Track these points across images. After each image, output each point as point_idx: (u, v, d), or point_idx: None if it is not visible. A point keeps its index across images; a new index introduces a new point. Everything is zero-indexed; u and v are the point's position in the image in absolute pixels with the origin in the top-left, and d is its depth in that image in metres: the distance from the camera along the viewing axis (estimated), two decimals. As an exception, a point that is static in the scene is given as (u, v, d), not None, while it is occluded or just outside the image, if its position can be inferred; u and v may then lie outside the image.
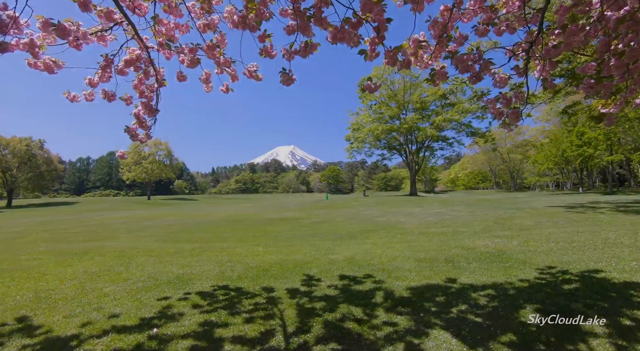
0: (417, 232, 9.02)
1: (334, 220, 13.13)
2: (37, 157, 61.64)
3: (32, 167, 59.69)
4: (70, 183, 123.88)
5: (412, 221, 11.58)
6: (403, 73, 32.55)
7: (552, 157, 38.87)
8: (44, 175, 61.90)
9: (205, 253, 7.15)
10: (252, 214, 18.21)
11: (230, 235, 10.29)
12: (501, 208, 14.90)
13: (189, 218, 17.52)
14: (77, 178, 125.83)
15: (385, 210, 16.68)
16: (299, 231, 10.56)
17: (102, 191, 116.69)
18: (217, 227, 12.36)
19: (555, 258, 5.43)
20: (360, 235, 9.00)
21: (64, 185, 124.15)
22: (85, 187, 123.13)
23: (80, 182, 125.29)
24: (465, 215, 12.72)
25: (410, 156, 36.11)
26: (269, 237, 9.48)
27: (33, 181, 60.70)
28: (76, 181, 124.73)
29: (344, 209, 19.45)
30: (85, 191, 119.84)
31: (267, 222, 13.73)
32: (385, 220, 12.37)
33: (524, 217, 11.01)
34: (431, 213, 13.87)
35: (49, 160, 63.71)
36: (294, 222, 13.12)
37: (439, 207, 16.74)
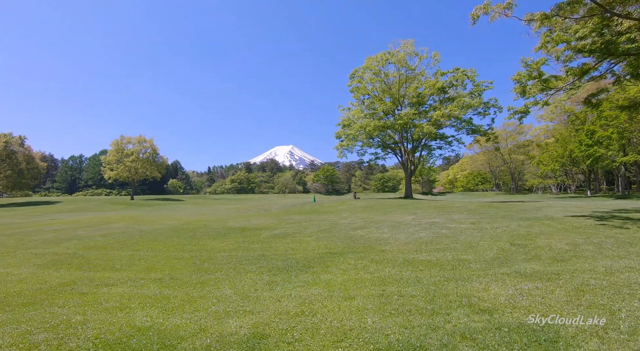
0: (401, 260, 6.20)
1: (301, 233, 10.32)
2: (17, 154, 58.66)
3: (11, 165, 56.72)
4: (62, 181, 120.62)
5: (398, 237, 8.77)
6: (398, 65, 29.73)
7: (558, 158, 36.15)
8: (24, 173, 58.96)
9: (42, 303, 4.28)
10: (214, 221, 15.38)
11: (147, 255, 7.49)
12: (511, 217, 12.11)
13: (140, 224, 14.70)
14: (69, 177, 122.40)
15: (370, 219, 13.87)
16: (244, 251, 7.77)
17: (94, 190, 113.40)
18: (150, 241, 9.55)
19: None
20: (319, 263, 6.19)
21: (56, 183, 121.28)
22: (77, 186, 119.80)
23: (72, 181, 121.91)
24: (468, 228, 9.92)
25: (406, 155, 33.21)
26: (192, 262, 6.67)
27: (12, 179, 57.73)
28: (68, 180, 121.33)
29: (325, 215, 16.65)
30: (77, 190, 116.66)
31: (219, 233, 10.91)
32: (365, 234, 9.56)
33: (548, 235, 8.21)
34: (425, 225, 11.07)
35: (29, 157, 60.74)
36: (250, 235, 10.31)
37: (435, 215, 13.92)
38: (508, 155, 61.99)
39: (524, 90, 10.64)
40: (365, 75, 30.89)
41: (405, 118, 27.94)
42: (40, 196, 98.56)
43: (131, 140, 53.94)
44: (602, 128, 30.60)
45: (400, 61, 29.02)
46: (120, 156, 52.53)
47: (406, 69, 29.91)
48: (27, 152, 61.21)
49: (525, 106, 11.64)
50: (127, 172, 52.32)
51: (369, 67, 30.26)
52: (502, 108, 29.13)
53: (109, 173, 52.60)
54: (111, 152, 53.05)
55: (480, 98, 28.10)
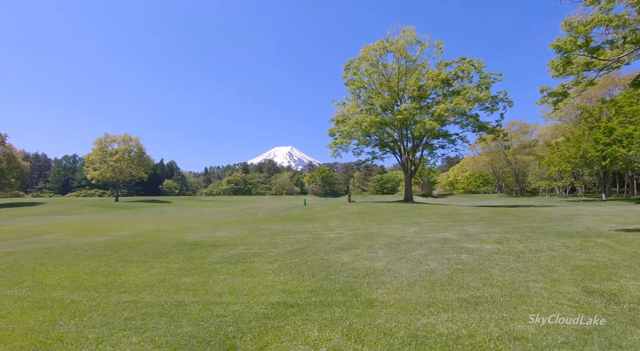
0: (403, 334, 3.35)
1: (264, 255, 7.50)
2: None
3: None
4: (55, 182, 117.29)
5: (397, 269, 5.95)
6: (397, 55, 26.93)
7: (570, 158, 33.37)
8: (5, 173, 56.05)
9: None
10: (172, 231, 12.51)
11: (17, 296, 4.65)
12: (544, 231, 9.31)
13: (81, 235, 11.86)
14: (62, 177, 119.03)
15: (362, 231, 11.05)
16: (159, 294, 4.93)
17: (87, 190, 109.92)
18: (57, 265, 6.69)
19: None
20: (253, 340, 3.38)
21: (48, 183, 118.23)
22: (70, 186, 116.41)
23: (65, 181, 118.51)
24: (497, 251, 7.12)
25: (406, 155, 30.32)
26: (61, 314, 3.84)
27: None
28: (61, 180, 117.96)
29: (309, 223, 13.82)
30: (70, 190, 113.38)
31: (159, 253, 8.07)
32: (349, 261, 6.72)
33: (627, 268, 5.41)
34: (433, 243, 8.25)
35: (10, 156, 57.77)
36: (195, 258, 7.48)
37: (444, 227, 11.10)
38: (512, 155, 59.25)
39: (568, 62, 7.89)
40: (361, 66, 28.07)
41: (406, 113, 25.10)
42: (32, 196, 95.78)
43: (116, 138, 51.00)
44: (621, 125, 27.85)
45: (400, 50, 26.23)
46: (104, 155, 49.58)
47: (406, 59, 27.11)
48: (8, 151, 58.26)
49: (562, 87, 8.86)
50: (111, 172, 49.35)
51: (365, 58, 27.43)
52: (513, 102, 26.38)
53: (91, 173, 49.59)
54: (94, 150, 50.10)
55: (488, 91, 25.32)
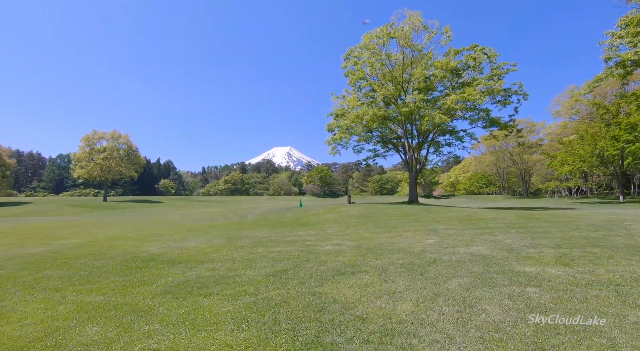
0: None
1: (232, 282, 5.22)
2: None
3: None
4: (49, 180, 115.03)
5: (436, 322, 3.60)
6: (402, 43, 24.67)
7: (586, 157, 31.16)
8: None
9: None
10: (135, 239, 10.20)
11: None
12: (606, 245, 7.05)
13: (23, 245, 9.57)
14: (56, 176, 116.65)
15: (366, 243, 8.76)
16: None
17: (82, 190, 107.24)
18: None
19: None
20: None
21: (42, 182, 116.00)
22: (64, 185, 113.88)
23: (60, 180, 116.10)
24: (572, 278, 4.85)
25: (411, 152, 28.09)
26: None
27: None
28: (56, 179, 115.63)
29: (302, 230, 11.53)
30: (65, 189, 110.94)
31: (90, 275, 5.78)
32: (354, 301, 4.42)
33: None
34: (471, 265, 5.97)
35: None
36: (135, 283, 5.17)
37: (471, 237, 8.80)
38: (518, 155, 57.08)
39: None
40: (362, 55, 25.79)
41: (412, 106, 22.81)
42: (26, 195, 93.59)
43: (104, 135, 48.60)
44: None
45: (405, 38, 23.96)
46: (92, 153, 47.17)
47: (411, 48, 24.84)
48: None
49: (637, 54, 6.63)
50: (99, 170, 46.95)
51: (366, 46, 25.17)
52: (528, 95, 24.15)
53: (78, 171, 47.14)
54: (81, 148, 47.70)
55: (502, 82, 23.07)
